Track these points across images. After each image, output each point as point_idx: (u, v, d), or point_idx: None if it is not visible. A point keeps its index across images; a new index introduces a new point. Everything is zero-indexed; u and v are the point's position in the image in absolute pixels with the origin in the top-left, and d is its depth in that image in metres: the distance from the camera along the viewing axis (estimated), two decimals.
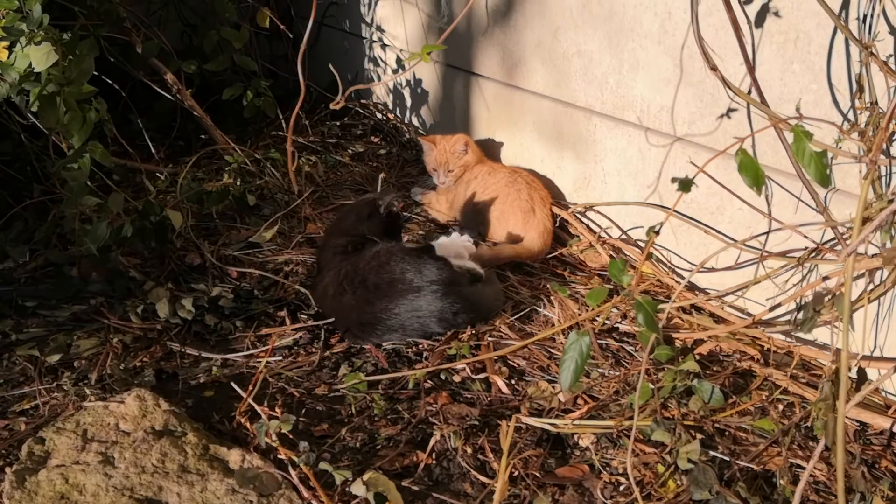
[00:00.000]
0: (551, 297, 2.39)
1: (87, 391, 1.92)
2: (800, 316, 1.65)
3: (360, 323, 2.17)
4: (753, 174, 1.37)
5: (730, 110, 2.15)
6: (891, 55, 1.66)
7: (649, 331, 1.37)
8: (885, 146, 1.65)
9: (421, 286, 2.12)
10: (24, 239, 2.65)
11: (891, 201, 1.43)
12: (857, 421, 1.87)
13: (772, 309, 2.02)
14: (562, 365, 1.54)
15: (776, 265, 2.04)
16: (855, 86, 1.75)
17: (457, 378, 2.04)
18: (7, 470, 1.62)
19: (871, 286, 1.85)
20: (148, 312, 2.28)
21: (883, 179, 1.78)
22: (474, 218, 2.79)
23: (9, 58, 2.32)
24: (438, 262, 2.19)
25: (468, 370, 2.07)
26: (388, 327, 2.14)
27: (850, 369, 1.69)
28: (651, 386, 1.91)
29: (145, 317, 2.27)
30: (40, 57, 2.27)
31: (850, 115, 1.83)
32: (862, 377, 1.67)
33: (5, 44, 2.31)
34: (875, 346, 1.95)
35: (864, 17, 1.70)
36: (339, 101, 1.71)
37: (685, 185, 1.45)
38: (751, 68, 1.82)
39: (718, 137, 2.20)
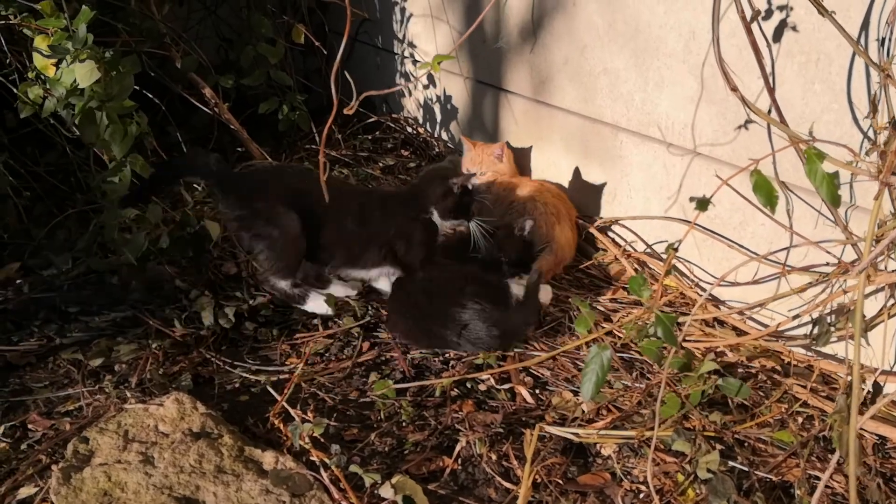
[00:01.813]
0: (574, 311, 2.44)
1: (128, 394, 2.01)
2: (815, 330, 1.69)
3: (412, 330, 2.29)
4: (767, 194, 1.42)
5: (752, 127, 2.19)
6: None
7: (668, 343, 1.42)
8: None
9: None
10: (67, 247, 2.75)
11: None
12: (876, 434, 1.90)
13: (794, 318, 2.05)
14: (584, 377, 1.60)
15: (799, 279, 2.07)
16: (873, 106, 1.79)
17: (482, 387, 2.10)
18: (54, 467, 1.71)
19: (891, 301, 1.88)
20: (189, 319, 2.37)
21: None
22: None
23: (55, 74, 2.41)
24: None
25: (493, 380, 2.12)
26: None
27: (863, 381, 1.74)
28: (677, 396, 1.95)
29: (188, 322, 2.35)
30: (85, 74, 2.35)
31: (871, 134, 1.87)
32: (877, 390, 1.70)
33: (53, 61, 2.41)
34: (895, 361, 1.98)
35: (883, 40, 1.74)
36: (353, 107, 1.77)
37: (702, 203, 1.50)
38: (770, 89, 1.86)
39: (741, 154, 2.25)
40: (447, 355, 2.23)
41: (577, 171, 2.96)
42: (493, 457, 1.82)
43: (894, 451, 1.86)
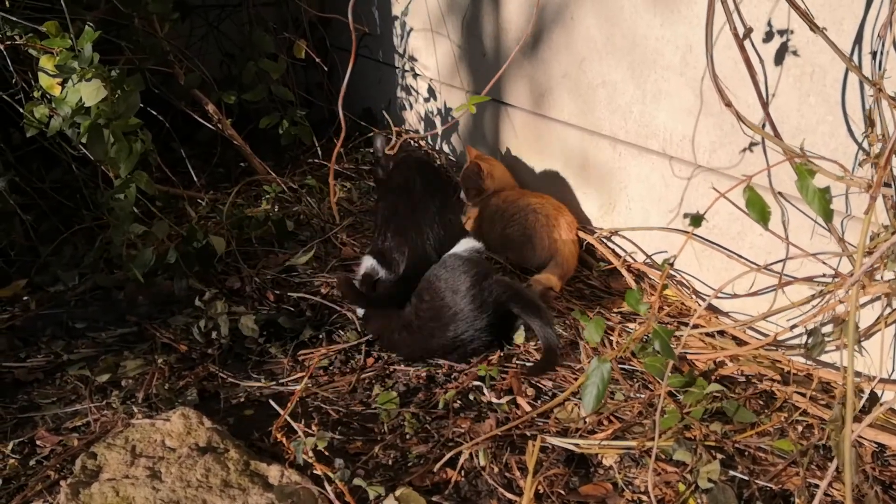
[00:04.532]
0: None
1: (135, 409, 2.03)
2: (810, 341, 1.71)
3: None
4: (760, 210, 1.44)
5: (750, 140, 2.21)
6: None
7: (666, 356, 1.44)
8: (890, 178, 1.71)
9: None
10: (74, 263, 2.78)
11: (894, 233, 1.49)
12: (875, 442, 1.91)
13: (792, 328, 2.07)
14: (584, 390, 1.62)
15: (797, 289, 2.09)
16: (869, 120, 1.82)
17: (485, 398, 2.12)
18: (62, 483, 1.73)
19: (888, 310, 1.90)
20: (203, 329, 2.39)
21: None
22: (501, 242, 2.87)
23: (61, 93, 2.44)
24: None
25: (496, 391, 2.14)
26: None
27: (860, 391, 1.75)
28: (678, 408, 1.98)
29: (204, 333, 2.39)
30: (90, 92, 2.38)
31: (865, 145, 1.89)
32: (874, 399, 1.72)
33: (58, 80, 2.44)
34: (893, 369, 1.99)
35: (875, 53, 1.77)
36: (395, 146, 1.81)
37: (696, 220, 1.53)
38: (764, 104, 1.89)
39: (739, 165, 2.27)
40: (452, 367, 2.26)
41: (576, 183, 2.98)
42: (496, 468, 1.84)
43: (893, 458, 1.88)
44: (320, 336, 2.42)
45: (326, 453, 1.85)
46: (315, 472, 1.79)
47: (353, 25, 1.78)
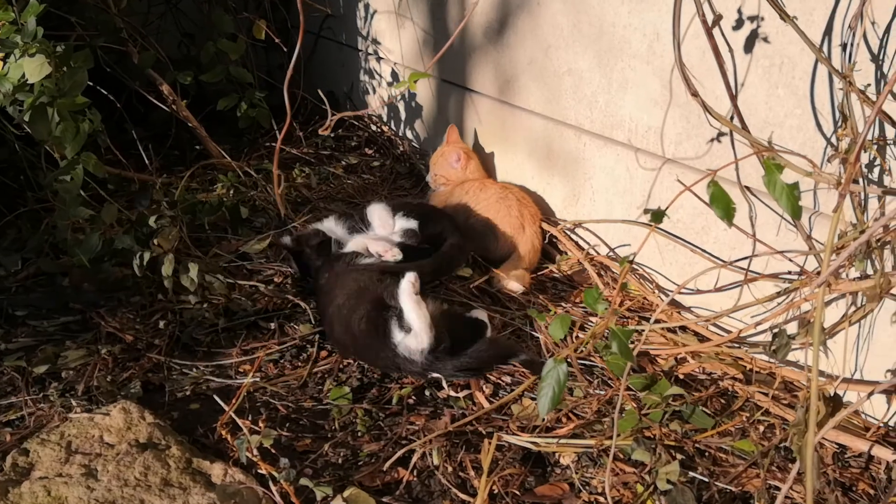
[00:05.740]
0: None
1: (74, 403, 1.93)
2: (774, 342, 1.67)
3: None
4: (724, 206, 1.39)
5: (717, 132, 2.16)
6: (869, 84, 1.68)
7: (624, 358, 1.39)
8: (863, 173, 1.67)
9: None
10: (17, 247, 2.66)
11: (862, 232, 1.45)
12: (835, 443, 1.88)
13: (756, 325, 2.03)
14: (539, 392, 1.55)
15: (761, 286, 2.05)
16: (838, 114, 1.77)
17: (441, 395, 2.06)
18: None
19: (852, 309, 1.86)
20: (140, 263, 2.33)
21: (864, 203, 1.79)
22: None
23: (2, 69, 2.33)
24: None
25: (454, 386, 2.08)
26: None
27: (824, 395, 1.71)
28: (636, 410, 1.93)
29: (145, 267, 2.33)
30: (34, 69, 2.28)
31: (834, 140, 1.85)
32: (837, 402, 1.68)
33: (0, 55, 2.33)
34: (856, 369, 1.96)
35: (845, 45, 1.72)
36: (328, 127, 1.73)
37: (657, 216, 1.47)
38: (732, 95, 1.84)
39: (705, 158, 2.22)
40: None
41: (540, 173, 2.92)
42: (450, 468, 1.78)
43: (853, 459, 1.85)
44: (272, 327, 2.34)
45: (273, 451, 1.77)
46: (260, 471, 1.71)
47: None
